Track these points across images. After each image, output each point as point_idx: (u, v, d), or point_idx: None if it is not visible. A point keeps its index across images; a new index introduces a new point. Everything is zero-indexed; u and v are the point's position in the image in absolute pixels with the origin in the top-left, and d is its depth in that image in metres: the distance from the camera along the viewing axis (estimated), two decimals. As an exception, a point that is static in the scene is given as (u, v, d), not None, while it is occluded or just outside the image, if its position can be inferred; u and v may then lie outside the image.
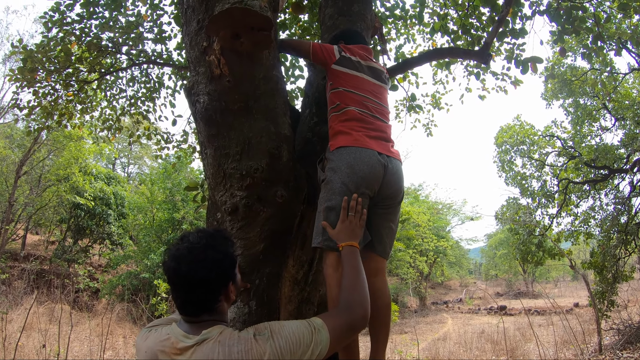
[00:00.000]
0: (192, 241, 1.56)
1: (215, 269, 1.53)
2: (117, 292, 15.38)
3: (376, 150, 2.23)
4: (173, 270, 1.52)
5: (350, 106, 2.35)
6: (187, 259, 1.51)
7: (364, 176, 2.14)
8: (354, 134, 2.25)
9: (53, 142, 17.30)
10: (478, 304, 27.41)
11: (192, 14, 2.09)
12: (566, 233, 13.64)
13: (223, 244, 1.61)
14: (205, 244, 1.55)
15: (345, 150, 2.20)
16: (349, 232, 1.98)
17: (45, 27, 5.99)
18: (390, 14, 6.25)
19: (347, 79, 2.44)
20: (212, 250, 1.55)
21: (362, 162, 2.16)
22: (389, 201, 2.31)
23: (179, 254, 1.53)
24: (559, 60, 12.31)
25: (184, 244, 1.56)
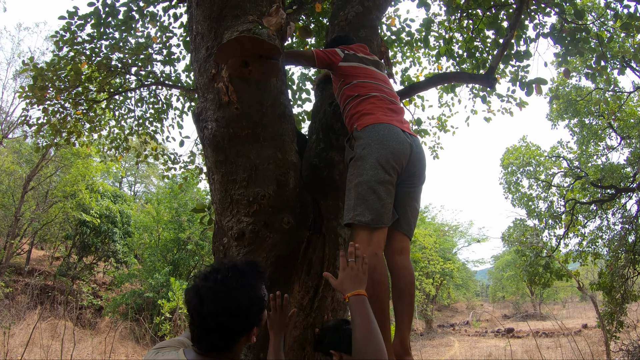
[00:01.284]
0: (220, 281, 1.43)
1: (240, 315, 1.42)
2: (121, 310, 15.28)
3: (400, 129, 2.32)
4: (194, 307, 1.42)
5: (370, 92, 2.46)
6: (212, 300, 1.40)
7: (393, 151, 2.20)
8: (378, 113, 2.35)
9: (61, 159, 17.43)
10: (485, 326, 26.97)
11: (201, 41, 2.12)
12: (574, 254, 13.49)
13: (255, 286, 1.48)
14: (234, 287, 1.42)
15: (374, 127, 2.26)
16: (353, 279, 1.85)
17: (56, 46, 6.09)
18: (397, 37, 6.32)
19: (358, 72, 2.58)
20: (240, 294, 1.42)
21: (391, 138, 2.23)
22: (415, 179, 2.36)
23: (204, 292, 1.41)
24: (564, 81, 12.35)
25: (211, 282, 1.43)
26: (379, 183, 2.14)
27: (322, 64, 2.62)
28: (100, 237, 18.12)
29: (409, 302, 2.28)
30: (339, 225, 2.53)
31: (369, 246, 2.07)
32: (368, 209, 2.10)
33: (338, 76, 2.61)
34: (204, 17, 2.06)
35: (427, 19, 5.92)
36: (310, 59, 2.61)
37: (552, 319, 18.64)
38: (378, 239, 2.13)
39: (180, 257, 16.02)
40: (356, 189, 2.15)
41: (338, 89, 2.60)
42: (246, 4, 2.01)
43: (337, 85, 2.62)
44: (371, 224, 2.08)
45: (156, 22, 6.23)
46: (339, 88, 2.58)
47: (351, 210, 2.14)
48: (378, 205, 2.12)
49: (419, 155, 2.36)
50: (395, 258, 2.29)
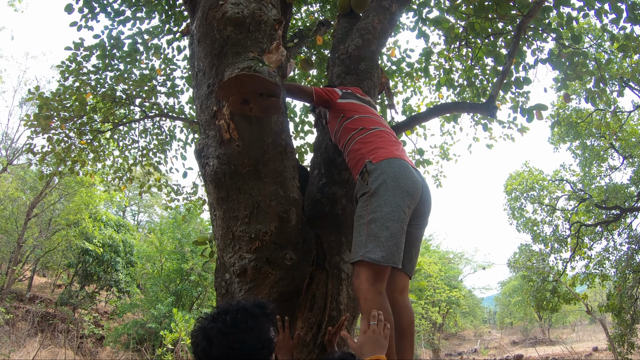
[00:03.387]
0: (229, 322, 1.38)
1: (250, 359, 1.37)
2: (123, 340, 15.08)
3: (412, 166, 2.30)
4: (202, 349, 1.37)
5: (376, 127, 2.45)
6: (222, 343, 1.35)
7: (408, 190, 2.16)
8: (391, 148, 2.32)
9: (64, 187, 17.48)
10: (494, 353, 26.38)
11: (203, 78, 2.15)
12: (581, 277, 13.32)
13: (264, 328, 1.43)
14: (244, 329, 1.38)
15: (389, 162, 2.22)
16: (374, 343, 1.76)
17: (62, 75, 6.18)
18: (397, 67, 6.39)
19: (357, 108, 2.59)
20: (251, 336, 1.38)
21: (406, 176, 2.20)
22: (422, 220, 2.35)
23: (213, 334, 1.37)
24: (564, 104, 12.42)
25: (220, 323, 1.39)
26: (395, 221, 2.09)
27: (319, 100, 2.65)
28: (103, 266, 18.01)
29: (410, 340, 2.25)
30: (342, 261, 2.51)
31: (374, 284, 2.03)
32: (380, 247, 2.05)
33: (336, 112, 2.62)
34: (206, 54, 2.09)
35: (426, 48, 5.99)
36: (309, 95, 2.65)
37: (561, 343, 18.25)
38: (383, 277, 2.08)
39: (183, 287, 15.87)
40: (369, 226, 2.09)
41: (338, 125, 2.60)
42: (247, 41, 2.03)
43: (335, 122, 2.63)
44: (381, 261, 2.03)
45: (160, 55, 6.34)
46: (339, 123, 2.59)
47: (362, 247, 2.08)
48: (391, 243, 2.06)
49: (429, 195, 2.34)
50: (397, 297, 2.26)
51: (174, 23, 6.06)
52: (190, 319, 10.81)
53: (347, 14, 3.98)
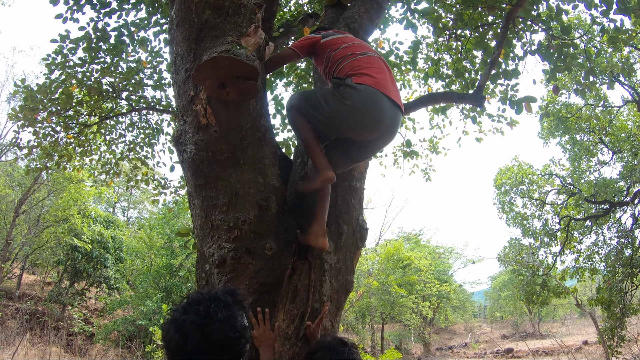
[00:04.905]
0: (203, 313, 1.31)
1: (228, 349, 1.30)
2: (113, 337, 14.96)
3: (391, 97, 2.28)
4: (176, 344, 1.28)
5: (366, 52, 2.46)
6: (197, 335, 1.27)
7: (365, 123, 2.22)
8: (377, 77, 2.29)
9: (53, 183, 17.31)
10: (484, 347, 26.58)
11: (181, 63, 2.08)
12: (571, 271, 13.41)
13: (238, 317, 1.36)
14: (219, 319, 1.30)
15: (366, 89, 2.21)
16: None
17: (47, 68, 6.09)
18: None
19: (342, 40, 2.58)
20: (226, 326, 1.31)
21: (373, 110, 2.21)
22: (382, 144, 2.43)
23: (187, 328, 1.28)
24: (554, 98, 12.46)
25: (193, 315, 1.31)
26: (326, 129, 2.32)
27: (305, 50, 2.59)
28: (92, 262, 17.85)
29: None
30: (324, 251, 2.46)
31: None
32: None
33: (323, 51, 2.55)
34: (184, 39, 2.03)
35: (415, 41, 5.96)
36: (293, 53, 2.58)
37: (551, 337, 18.40)
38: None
39: (172, 283, 15.75)
40: (304, 103, 2.25)
41: (326, 61, 2.53)
42: (225, 25, 1.98)
43: (322, 60, 2.56)
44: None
45: (147, 47, 6.25)
46: (327, 59, 2.51)
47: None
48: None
49: (394, 131, 2.39)
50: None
51: (160, 15, 5.96)
52: (180, 315, 10.71)
53: (334, 4, 3.93)
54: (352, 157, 2.44)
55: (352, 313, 21.15)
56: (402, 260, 22.79)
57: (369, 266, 23.64)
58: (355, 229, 2.75)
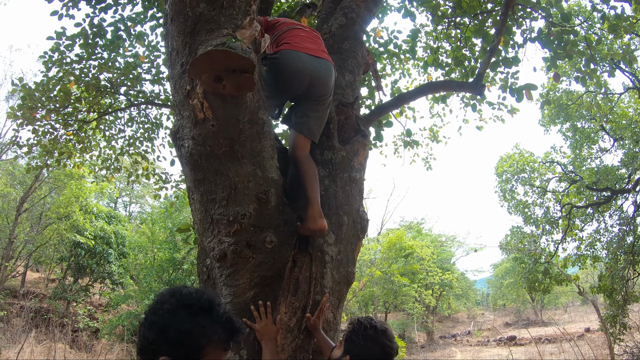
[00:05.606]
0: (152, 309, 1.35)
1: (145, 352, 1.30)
2: (118, 332, 15.06)
3: (307, 52, 2.58)
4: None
5: (290, 28, 2.77)
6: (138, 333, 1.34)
7: (289, 80, 2.54)
8: (293, 43, 2.61)
9: (54, 180, 17.33)
10: (487, 335, 26.70)
11: (177, 57, 2.06)
12: (572, 258, 13.42)
13: (175, 323, 1.30)
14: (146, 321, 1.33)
15: (279, 55, 2.54)
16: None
17: (45, 66, 6.06)
18: (385, 49, 6.30)
19: (281, 24, 2.85)
20: (148, 331, 1.32)
21: (288, 66, 2.51)
22: (321, 97, 2.65)
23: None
24: (554, 85, 12.39)
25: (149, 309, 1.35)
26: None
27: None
28: (96, 258, 17.92)
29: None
30: (325, 243, 2.46)
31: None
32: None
33: (271, 34, 2.79)
34: (179, 32, 2.01)
35: (414, 29, 5.91)
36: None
37: (553, 324, 18.48)
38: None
39: (176, 277, 15.83)
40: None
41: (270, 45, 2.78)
42: (220, 18, 1.95)
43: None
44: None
45: (144, 41, 6.21)
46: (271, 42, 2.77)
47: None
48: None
49: (325, 79, 2.63)
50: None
51: (157, 9, 5.92)
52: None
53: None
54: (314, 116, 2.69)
55: (355, 303, 21.21)
56: (405, 249, 22.82)
57: (371, 255, 23.69)
58: (356, 220, 2.75)
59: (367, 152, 3.01)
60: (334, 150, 2.80)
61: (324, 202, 2.55)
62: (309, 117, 2.64)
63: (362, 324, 1.98)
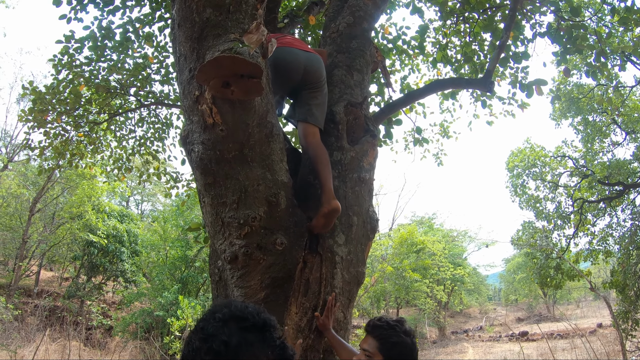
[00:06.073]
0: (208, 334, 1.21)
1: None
2: (131, 330, 15.23)
3: (295, 48, 2.81)
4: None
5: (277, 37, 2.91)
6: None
7: (285, 68, 2.70)
8: (284, 43, 2.81)
9: (66, 181, 17.53)
10: (499, 331, 26.57)
11: (185, 63, 2.08)
12: (584, 253, 13.30)
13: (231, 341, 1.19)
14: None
15: (277, 50, 2.57)
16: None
17: (55, 69, 6.12)
18: (394, 46, 6.28)
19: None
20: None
21: (283, 58, 2.68)
22: (317, 85, 2.82)
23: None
24: (565, 80, 12.25)
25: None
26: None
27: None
28: (108, 257, 18.11)
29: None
30: (335, 244, 2.47)
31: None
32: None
33: None
34: (186, 38, 2.02)
35: (422, 25, 5.88)
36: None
37: (566, 319, 18.33)
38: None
39: (188, 274, 15.96)
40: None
41: None
42: (227, 22, 1.97)
43: None
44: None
45: (152, 42, 6.24)
46: None
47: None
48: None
49: (314, 65, 2.82)
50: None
51: (164, 10, 5.95)
52: (196, 306, 10.87)
53: (339, -9, 3.88)
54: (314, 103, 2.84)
55: (367, 298, 21.24)
56: (416, 245, 22.75)
57: (383, 251, 23.66)
58: (366, 220, 2.76)
59: (376, 152, 3.01)
60: (343, 151, 2.81)
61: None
62: (310, 106, 2.78)
63: (396, 327, 2.04)
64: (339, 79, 3.15)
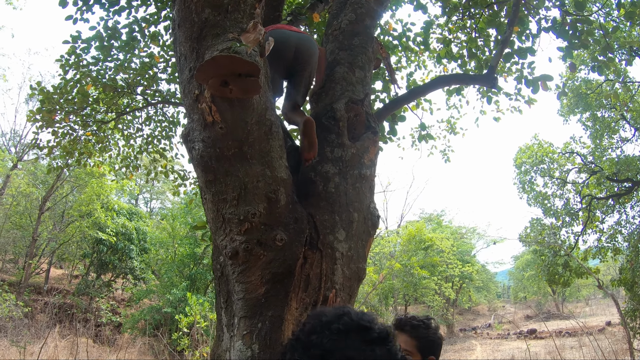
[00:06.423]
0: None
1: None
2: (140, 326, 15.38)
3: (287, 30, 3.00)
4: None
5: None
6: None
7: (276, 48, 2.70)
8: (276, 27, 3.02)
9: (75, 179, 17.73)
10: (507, 328, 26.45)
11: (185, 62, 2.12)
12: (593, 251, 13.19)
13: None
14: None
15: (269, 32, 2.75)
16: None
17: (62, 69, 6.19)
18: (399, 42, 6.28)
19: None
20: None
21: (274, 38, 2.68)
22: (302, 65, 3.00)
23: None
24: (573, 75, 12.14)
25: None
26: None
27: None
28: (118, 254, 18.31)
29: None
30: (336, 240, 2.49)
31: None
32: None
33: None
34: (186, 38, 2.06)
35: (427, 21, 5.88)
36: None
37: (574, 318, 18.23)
38: None
39: (197, 271, 16.09)
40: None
41: None
42: (226, 22, 2.00)
43: None
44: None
45: (158, 42, 6.29)
46: None
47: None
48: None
49: (305, 45, 2.99)
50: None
51: (170, 9, 5.99)
52: (204, 303, 10.96)
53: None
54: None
55: (375, 295, 21.22)
56: (424, 242, 22.70)
57: (391, 248, 23.64)
58: (367, 216, 2.77)
59: (377, 149, 3.02)
60: (344, 147, 2.82)
61: (334, 199, 2.59)
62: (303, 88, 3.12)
63: (431, 325, 2.22)
64: (340, 76, 3.16)
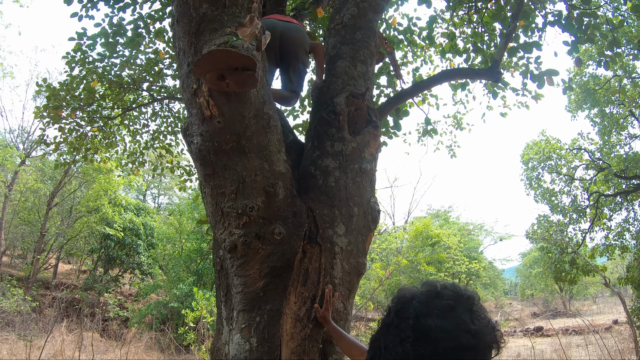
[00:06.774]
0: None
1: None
2: (147, 321, 15.49)
3: (274, 19, 3.16)
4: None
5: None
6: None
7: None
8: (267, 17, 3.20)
9: (83, 175, 17.86)
10: (514, 325, 26.30)
11: (184, 57, 2.14)
12: (600, 248, 13.08)
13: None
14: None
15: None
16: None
17: (68, 66, 6.23)
18: (404, 37, 6.26)
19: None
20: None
21: (266, 24, 2.79)
22: (289, 51, 3.20)
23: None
24: (581, 70, 12.02)
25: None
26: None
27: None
28: (125, 249, 18.43)
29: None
30: (335, 234, 2.50)
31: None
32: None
33: None
34: (184, 33, 2.08)
35: (432, 16, 5.85)
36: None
37: (580, 316, 18.11)
38: None
39: (203, 266, 16.15)
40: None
41: None
42: (223, 17, 2.01)
43: None
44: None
45: (163, 38, 6.31)
46: None
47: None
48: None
49: (291, 33, 3.21)
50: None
51: (174, 5, 5.99)
52: (211, 297, 11.02)
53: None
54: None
55: (381, 291, 21.19)
56: (431, 238, 22.61)
57: (398, 244, 23.59)
58: (367, 211, 2.77)
59: (378, 143, 3.01)
60: (344, 141, 2.82)
61: (334, 193, 2.59)
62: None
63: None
64: (342, 70, 3.16)
